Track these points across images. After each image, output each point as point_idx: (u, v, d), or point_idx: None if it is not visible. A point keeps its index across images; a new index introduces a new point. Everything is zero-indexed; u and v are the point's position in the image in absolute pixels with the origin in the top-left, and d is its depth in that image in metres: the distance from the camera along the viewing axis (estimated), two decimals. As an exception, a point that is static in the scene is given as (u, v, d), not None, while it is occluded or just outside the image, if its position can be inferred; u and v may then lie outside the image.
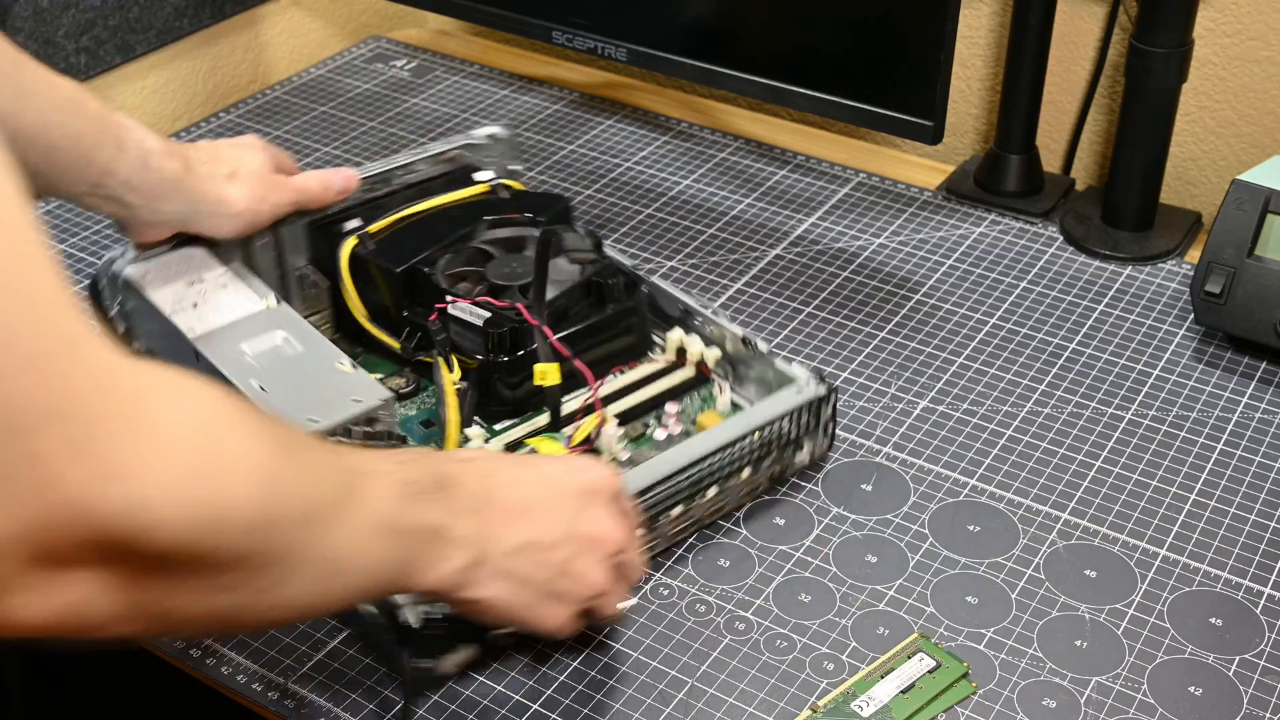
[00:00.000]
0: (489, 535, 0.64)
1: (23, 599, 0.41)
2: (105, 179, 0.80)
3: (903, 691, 0.73)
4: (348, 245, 0.92)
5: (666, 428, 0.89)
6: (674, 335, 0.92)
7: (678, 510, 0.81)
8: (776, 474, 0.87)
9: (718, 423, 0.85)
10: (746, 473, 0.84)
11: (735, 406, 0.90)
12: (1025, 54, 1.13)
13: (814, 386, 0.86)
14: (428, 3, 1.32)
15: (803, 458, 0.88)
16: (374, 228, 0.94)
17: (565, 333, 0.88)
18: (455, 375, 0.86)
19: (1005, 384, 0.97)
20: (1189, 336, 1.01)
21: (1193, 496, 0.87)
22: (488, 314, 0.87)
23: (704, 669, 0.75)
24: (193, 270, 0.87)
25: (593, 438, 0.85)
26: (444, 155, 1.02)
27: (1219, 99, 1.17)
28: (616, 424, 0.86)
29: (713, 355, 0.91)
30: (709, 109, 1.35)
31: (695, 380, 0.91)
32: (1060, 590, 0.80)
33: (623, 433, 0.87)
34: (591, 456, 0.83)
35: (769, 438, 0.84)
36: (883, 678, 0.74)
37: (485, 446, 0.85)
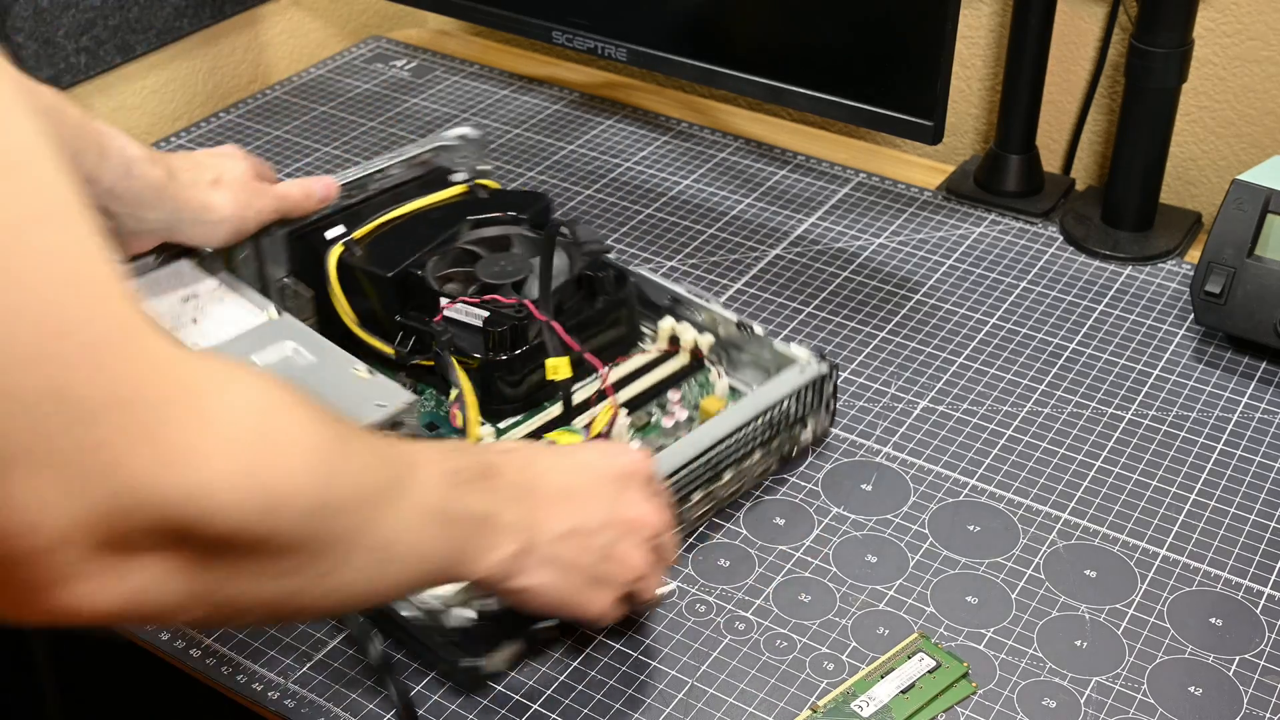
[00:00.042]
0: (535, 523, 0.64)
1: (92, 585, 0.41)
2: (88, 187, 0.79)
3: (903, 691, 0.73)
4: (334, 253, 0.92)
5: (672, 415, 0.90)
6: (665, 324, 0.93)
7: (698, 495, 0.82)
8: (786, 453, 0.88)
9: (720, 407, 0.87)
10: (758, 455, 0.85)
11: (733, 390, 0.91)
12: (1025, 54, 1.13)
13: (816, 365, 0.87)
14: (428, 3, 1.32)
15: (806, 436, 0.89)
16: (358, 234, 0.93)
17: (562, 326, 0.88)
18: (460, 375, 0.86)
19: (1005, 384, 0.97)
20: (1189, 336, 1.01)
21: (1193, 496, 0.87)
22: (485, 313, 0.87)
23: (704, 669, 0.75)
24: (184, 284, 0.86)
25: (608, 428, 0.86)
26: (417, 159, 1.02)
27: (1219, 99, 1.17)
28: (625, 413, 0.87)
29: (706, 341, 0.92)
30: (709, 109, 1.35)
31: (691, 367, 0.92)
32: (1060, 590, 0.80)
33: (629, 422, 0.88)
34: (621, 442, 0.84)
35: (777, 418, 0.85)
36: (883, 678, 0.74)
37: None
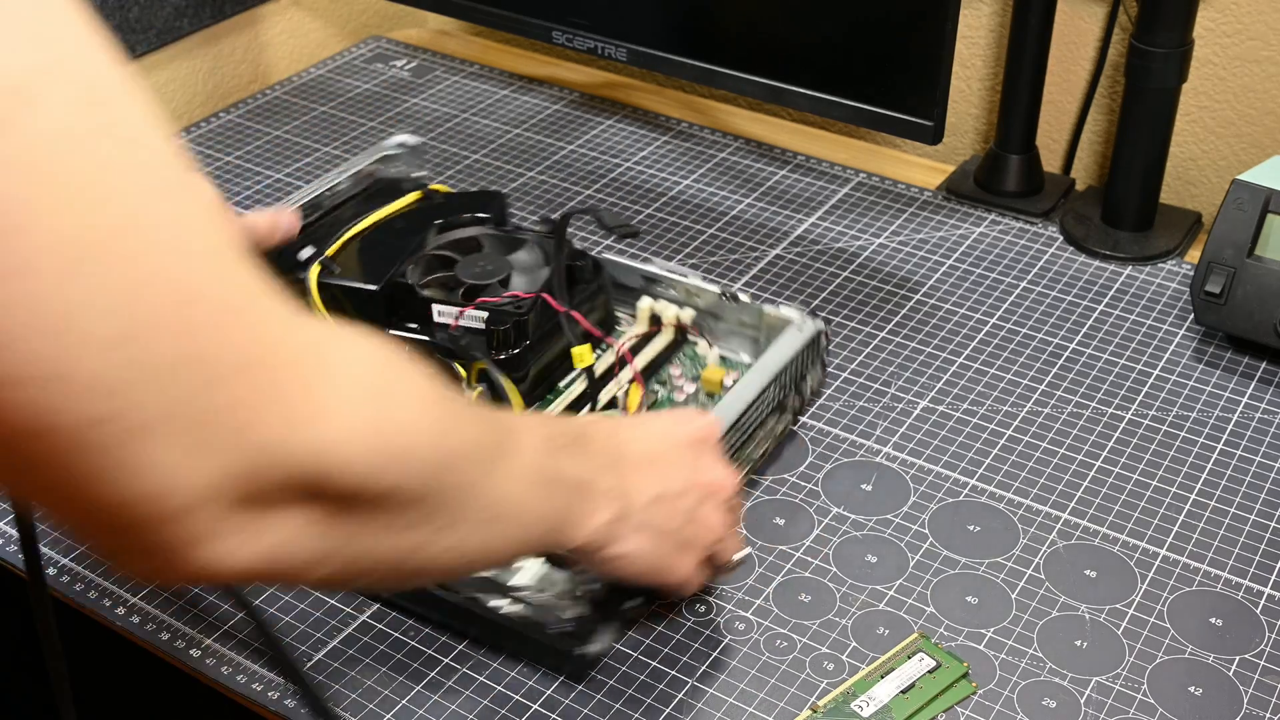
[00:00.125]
0: (627, 489, 0.66)
1: (231, 543, 0.43)
2: None
3: (903, 691, 0.73)
4: (313, 274, 0.90)
5: (681, 390, 0.91)
6: (644, 304, 0.94)
7: (736, 459, 0.83)
8: (795, 411, 0.91)
9: (722, 376, 0.90)
10: (775, 416, 0.87)
11: (724, 359, 0.93)
12: (1025, 54, 1.13)
13: (811, 322, 0.89)
14: (428, 3, 1.32)
15: (806, 392, 0.92)
16: (331, 251, 0.92)
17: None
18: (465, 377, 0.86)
19: (1005, 384, 0.97)
20: (1189, 336, 1.01)
21: (1193, 496, 0.87)
22: (484, 314, 0.87)
23: (704, 669, 0.75)
24: None
25: (642, 409, 0.88)
26: (364, 171, 1.02)
27: (1219, 99, 1.17)
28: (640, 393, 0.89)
29: (688, 315, 0.93)
30: (709, 109, 1.35)
31: (677, 342, 0.94)
32: (1060, 590, 0.80)
33: (639, 402, 0.89)
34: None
35: (786, 380, 0.87)
36: (883, 678, 0.74)
37: None
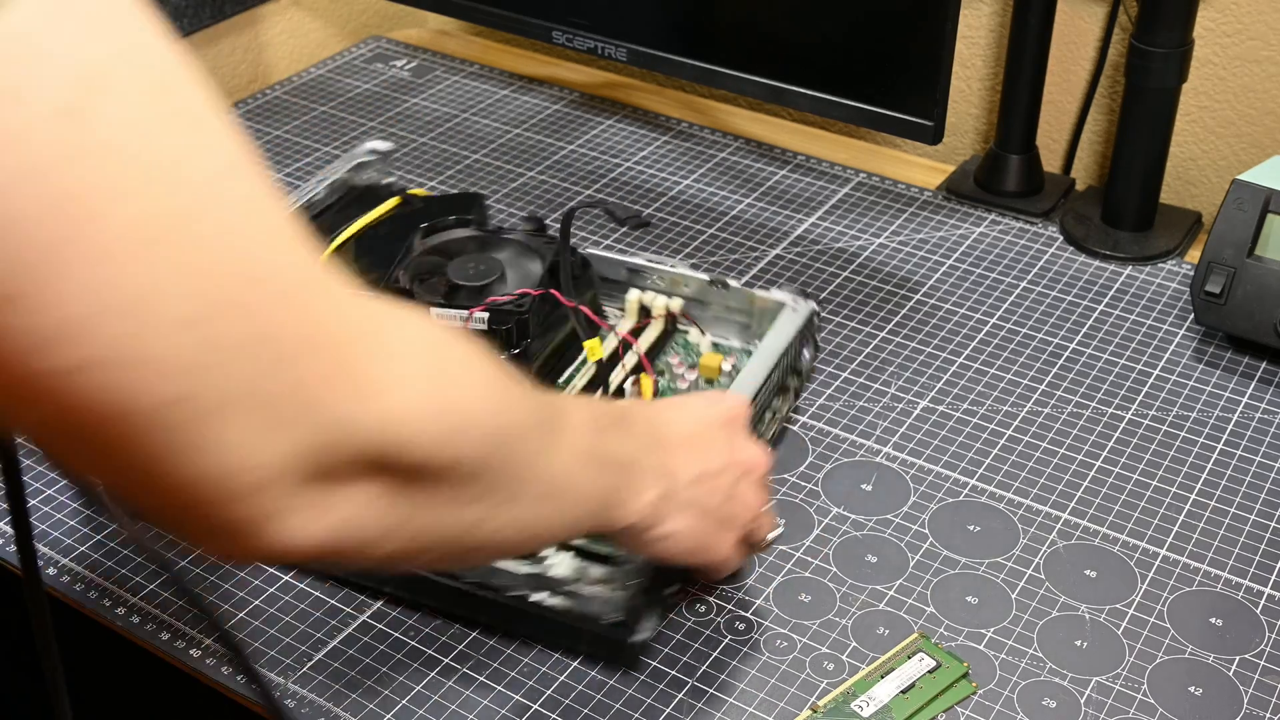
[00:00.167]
0: (670, 468, 0.66)
1: (301, 519, 0.44)
2: None
3: (903, 691, 0.73)
4: None
5: (684, 378, 0.92)
6: (632, 296, 0.95)
7: None
8: (796, 391, 0.92)
9: (720, 361, 0.91)
10: (779, 399, 0.88)
11: (716, 345, 0.94)
12: (1025, 54, 1.13)
13: (803, 303, 0.91)
14: (428, 3, 1.32)
15: (802, 371, 0.93)
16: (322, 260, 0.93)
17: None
18: None
19: (1005, 384, 0.97)
20: (1189, 336, 1.01)
21: (1193, 496, 0.87)
22: (485, 314, 0.88)
23: (704, 669, 0.75)
24: None
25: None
26: (338, 180, 1.02)
27: (1219, 99, 1.17)
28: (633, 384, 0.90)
29: (676, 304, 0.94)
30: (709, 109, 1.35)
31: (668, 332, 0.95)
32: (1060, 590, 0.80)
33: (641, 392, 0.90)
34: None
35: (787, 361, 0.88)
36: (883, 678, 0.74)
37: None
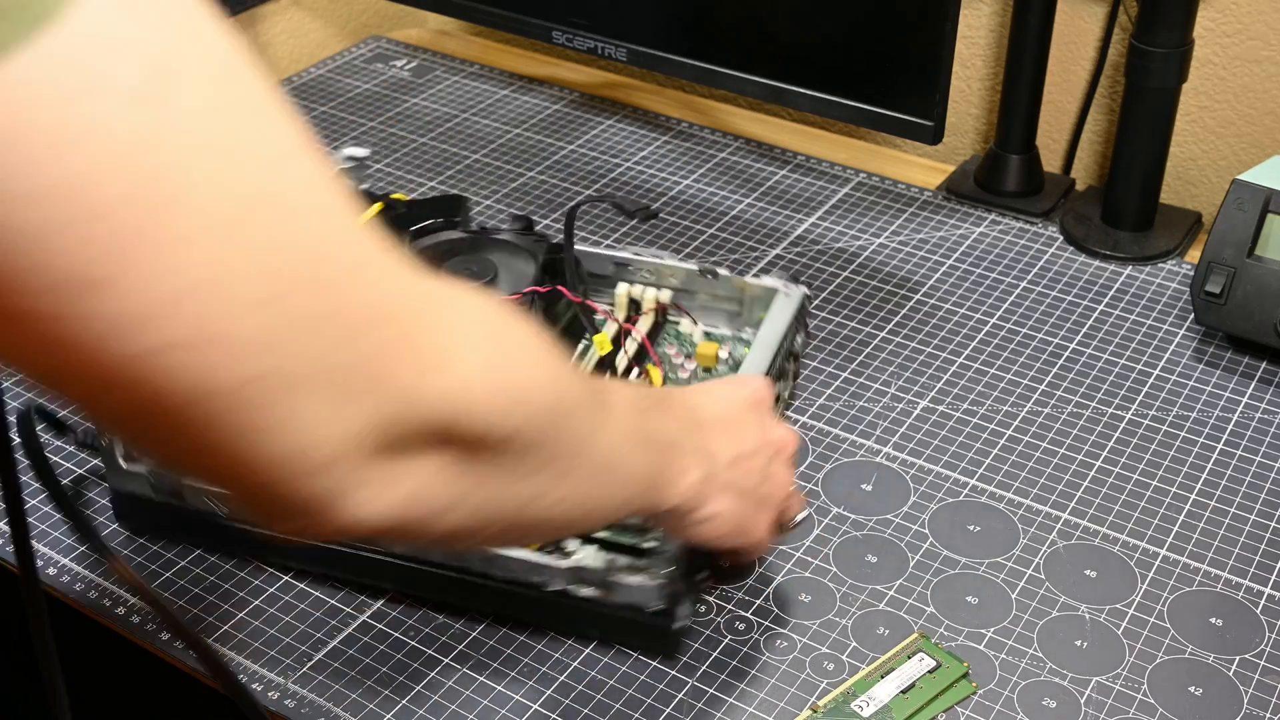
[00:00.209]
0: (710, 450, 0.67)
1: (370, 492, 0.44)
2: None
3: (903, 691, 0.73)
4: None
5: (684, 368, 0.92)
6: (621, 290, 0.95)
7: None
8: (793, 375, 0.93)
9: (716, 350, 0.91)
10: (780, 384, 0.88)
11: (708, 334, 0.95)
12: (1025, 54, 1.13)
13: (795, 288, 0.91)
14: (428, 3, 1.32)
15: (797, 354, 0.94)
16: None
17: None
18: None
19: (1005, 384, 0.97)
20: (1189, 336, 1.01)
21: (1193, 496, 0.87)
22: None
23: (704, 669, 0.75)
24: None
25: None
26: None
27: (1219, 99, 1.17)
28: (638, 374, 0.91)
29: (666, 296, 0.95)
30: (709, 109, 1.35)
31: (659, 323, 0.95)
32: (1060, 590, 0.80)
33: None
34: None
35: (784, 346, 0.88)
36: (883, 678, 0.74)
37: None
